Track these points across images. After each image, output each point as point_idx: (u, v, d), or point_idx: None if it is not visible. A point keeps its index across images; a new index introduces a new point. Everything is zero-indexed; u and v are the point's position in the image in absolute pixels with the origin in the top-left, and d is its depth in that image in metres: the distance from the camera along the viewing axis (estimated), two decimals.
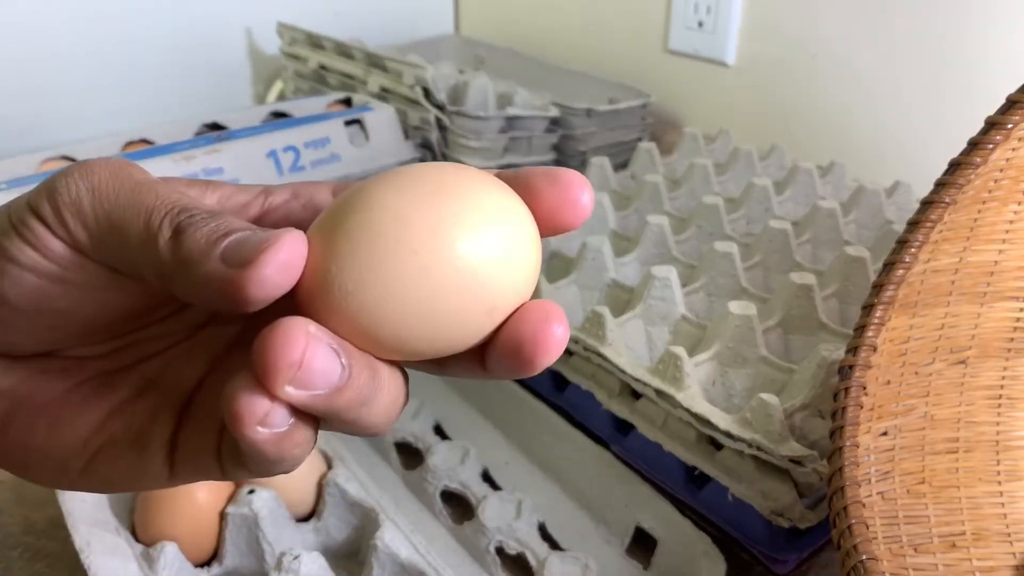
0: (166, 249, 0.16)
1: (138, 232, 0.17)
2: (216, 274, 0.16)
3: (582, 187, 0.18)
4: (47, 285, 0.17)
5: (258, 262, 0.15)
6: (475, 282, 0.16)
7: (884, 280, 0.33)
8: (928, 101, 0.66)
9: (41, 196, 0.17)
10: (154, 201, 0.17)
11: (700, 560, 0.39)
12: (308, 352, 0.15)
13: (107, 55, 0.78)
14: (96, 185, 0.17)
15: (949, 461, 0.35)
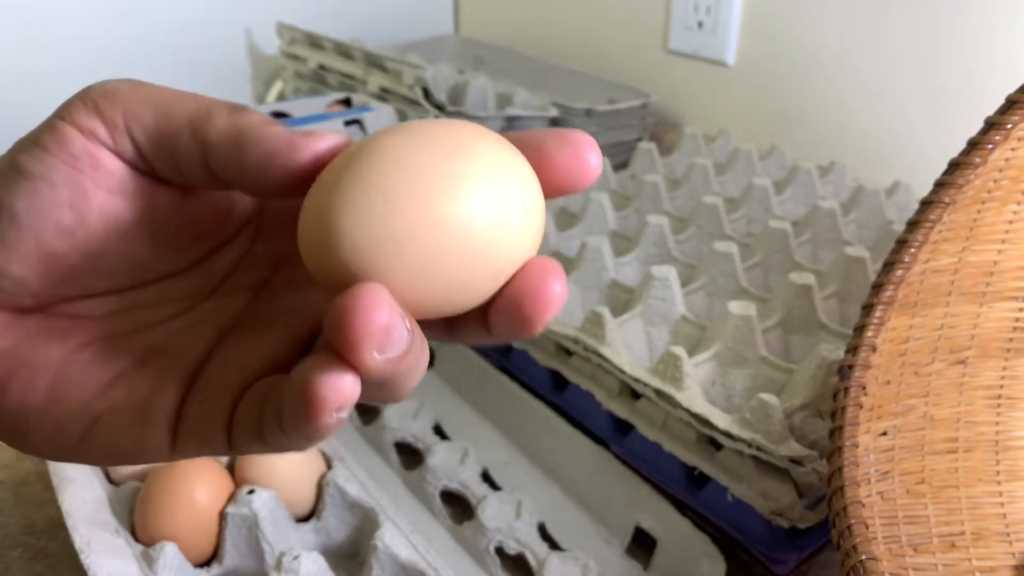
0: (228, 121, 0.17)
1: (187, 108, 0.18)
2: (275, 133, 0.17)
3: (591, 148, 0.18)
4: (59, 192, 0.17)
5: (317, 134, 0.17)
6: (486, 241, 0.16)
7: (884, 280, 0.33)
8: (928, 101, 0.66)
9: (72, 100, 0.18)
10: (201, 96, 0.18)
11: (700, 560, 0.39)
12: (392, 315, 0.15)
13: (107, 54, 0.78)
14: (136, 82, 0.18)
15: (949, 461, 0.35)
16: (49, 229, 0.18)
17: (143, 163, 0.18)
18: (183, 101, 0.18)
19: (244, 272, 0.21)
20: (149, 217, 0.19)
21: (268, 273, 0.21)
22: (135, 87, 0.18)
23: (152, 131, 0.18)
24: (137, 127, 0.18)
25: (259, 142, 0.17)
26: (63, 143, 0.17)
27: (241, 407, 0.18)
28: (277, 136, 0.17)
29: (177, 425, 0.19)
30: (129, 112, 0.18)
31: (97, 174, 0.18)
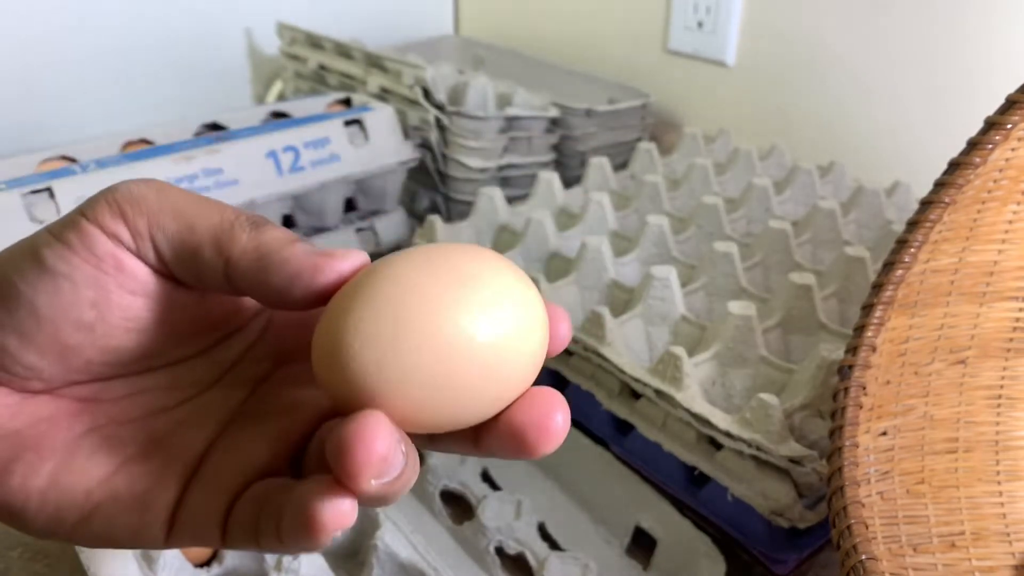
0: (250, 239, 0.18)
1: (211, 221, 0.18)
2: (298, 255, 0.18)
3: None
4: (81, 291, 0.18)
5: (339, 255, 0.18)
6: (490, 368, 0.17)
7: (884, 280, 0.33)
8: (928, 101, 0.66)
9: (97, 200, 0.18)
10: (222, 204, 0.19)
11: (700, 560, 0.39)
12: (391, 446, 0.16)
13: (106, 55, 0.78)
14: (160, 187, 0.18)
15: (949, 461, 0.35)
16: (68, 324, 0.18)
17: (165, 268, 0.19)
18: (207, 213, 0.18)
19: (248, 364, 0.22)
20: (166, 314, 0.19)
21: (270, 367, 0.22)
22: (161, 194, 0.18)
23: (175, 242, 0.18)
24: (161, 236, 0.18)
25: (283, 264, 0.18)
26: (88, 243, 0.18)
27: (238, 509, 0.19)
28: (300, 258, 0.18)
29: (174, 518, 0.19)
30: (154, 220, 0.18)
31: (120, 276, 0.18)
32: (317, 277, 0.18)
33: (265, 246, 0.18)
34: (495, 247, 0.57)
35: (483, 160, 0.66)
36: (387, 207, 0.65)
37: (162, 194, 0.18)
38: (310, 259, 0.18)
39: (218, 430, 0.21)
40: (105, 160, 0.52)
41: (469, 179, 0.67)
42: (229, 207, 0.19)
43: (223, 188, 0.54)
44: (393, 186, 0.64)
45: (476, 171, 0.66)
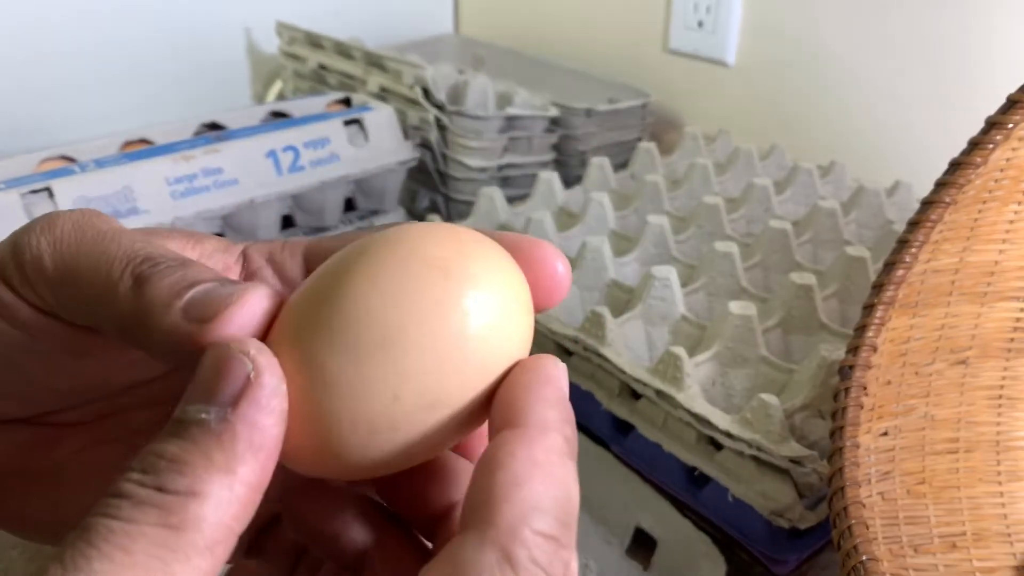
0: (126, 299, 0.15)
1: (98, 282, 0.16)
2: (175, 328, 0.15)
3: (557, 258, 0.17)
4: (18, 355, 0.17)
5: (220, 319, 0.15)
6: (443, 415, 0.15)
7: (884, 280, 0.33)
8: (928, 101, 0.66)
9: (5, 256, 0.16)
10: (116, 250, 0.16)
11: (700, 560, 0.38)
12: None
13: (106, 54, 0.78)
14: (58, 237, 0.16)
15: (949, 461, 0.35)
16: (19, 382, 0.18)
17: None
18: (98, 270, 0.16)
19: None
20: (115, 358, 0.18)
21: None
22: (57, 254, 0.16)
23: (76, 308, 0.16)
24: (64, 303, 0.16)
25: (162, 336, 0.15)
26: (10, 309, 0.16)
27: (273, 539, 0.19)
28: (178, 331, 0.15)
29: None
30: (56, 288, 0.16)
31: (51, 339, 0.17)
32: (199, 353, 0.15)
33: (143, 312, 0.15)
34: None
35: (483, 160, 0.66)
36: (387, 207, 0.65)
37: (58, 251, 0.16)
38: (187, 332, 0.15)
39: None
40: (104, 160, 0.52)
41: (469, 179, 0.67)
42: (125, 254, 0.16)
43: (222, 188, 0.54)
44: (393, 186, 0.64)
45: (476, 171, 0.66)
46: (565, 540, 0.14)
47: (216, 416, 0.13)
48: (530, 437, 0.14)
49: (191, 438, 0.13)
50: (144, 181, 0.51)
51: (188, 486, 0.13)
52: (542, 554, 0.13)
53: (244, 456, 0.13)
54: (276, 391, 0.14)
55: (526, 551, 0.13)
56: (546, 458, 0.14)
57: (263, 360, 0.14)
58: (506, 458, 0.14)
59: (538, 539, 0.13)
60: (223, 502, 0.13)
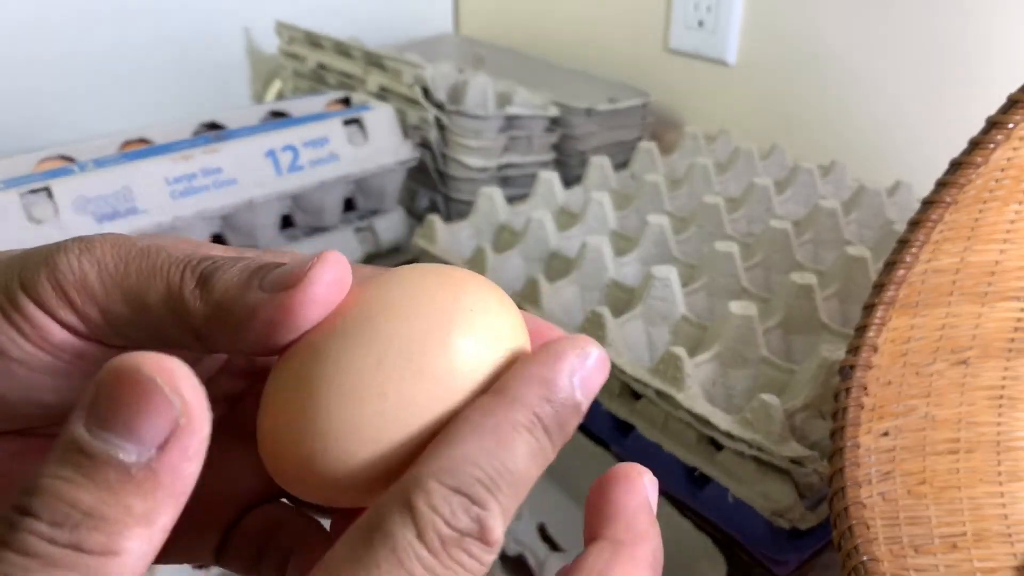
0: (194, 299, 0.15)
1: (159, 295, 0.15)
2: (260, 303, 0.15)
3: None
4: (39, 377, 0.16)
5: (308, 279, 0.15)
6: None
7: (885, 280, 0.33)
8: (929, 101, 0.66)
9: (38, 276, 0.16)
10: (167, 260, 0.16)
11: (700, 561, 0.38)
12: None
13: (105, 54, 0.78)
14: (100, 258, 0.16)
15: (950, 462, 0.35)
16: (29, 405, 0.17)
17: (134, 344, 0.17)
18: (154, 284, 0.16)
19: (221, 383, 0.20)
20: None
21: (244, 385, 0.21)
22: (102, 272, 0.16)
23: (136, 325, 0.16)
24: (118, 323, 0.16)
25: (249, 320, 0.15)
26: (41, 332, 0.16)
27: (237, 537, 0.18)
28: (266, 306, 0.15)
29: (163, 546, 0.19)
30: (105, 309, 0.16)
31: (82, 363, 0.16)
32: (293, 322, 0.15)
33: (222, 305, 0.15)
34: (495, 247, 0.57)
35: (483, 159, 0.66)
36: (386, 207, 0.65)
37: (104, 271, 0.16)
38: (276, 301, 0.15)
39: None
40: (104, 159, 0.52)
41: (469, 178, 0.67)
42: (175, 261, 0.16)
43: (222, 187, 0.54)
44: (392, 185, 0.64)
45: (476, 170, 0.66)
46: (482, 499, 0.13)
47: (138, 459, 0.12)
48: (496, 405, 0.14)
49: (108, 487, 0.12)
50: (143, 181, 0.51)
51: (105, 545, 0.12)
52: (443, 504, 0.13)
53: (165, 505, 0.12)
54: (206, 439, 0.13)
55: (425, 497, 0.13)
56: (481, 420, 0.14)
57: (196, 402, 0.12)
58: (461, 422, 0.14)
59: (442, 489, 0.13)
60: (141, 556, 0.12)
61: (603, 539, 0.16)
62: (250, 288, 0.15)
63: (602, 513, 0.17)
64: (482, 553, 0.13)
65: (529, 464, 0.14)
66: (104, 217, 0.49)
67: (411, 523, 0.13)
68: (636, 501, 0.17)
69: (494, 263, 0.52)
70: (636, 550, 0.16)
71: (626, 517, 0.16)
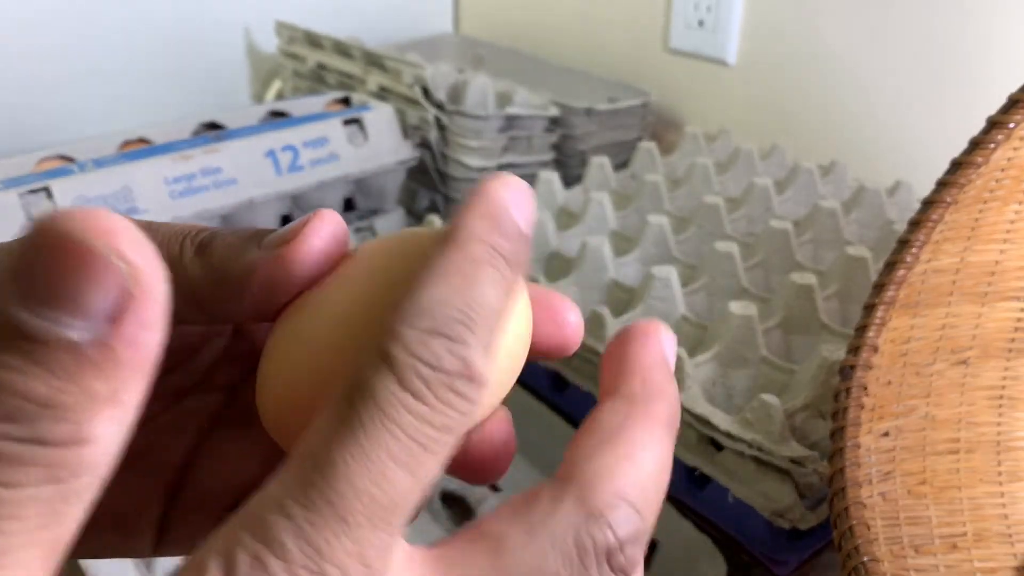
0: (193, 266, 0.15)
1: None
2: (258, 261, 0.15)
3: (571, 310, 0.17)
4: None
5: (305, 232, 0.15)
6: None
7: (885, 280, 0.33)
8: (929, 100, 0.66)
9: None
10: (167, 232, 0.16)
11: (700, 561, 0.38)
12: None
13: (105, 54, 0.78)
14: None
15: (950, 462, 0.35)
16: None
17: None
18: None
19: (221, 370, 0.20)
20: None
21: (243, 372, 0.21)
22: None
23: None
24: None
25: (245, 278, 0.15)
26: None
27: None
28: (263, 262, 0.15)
29: (160, 534, 0.18)
30: None
31: None
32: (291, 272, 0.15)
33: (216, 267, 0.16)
34: None
35: (483, 159, 0.66)
36: (386, 206, 0.65)
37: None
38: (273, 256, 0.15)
39: (198, 438, 0.20)
40: (103, 159, 0.52)
41: (469, 178, 0.67)
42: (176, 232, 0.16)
43: (221, 187, 0.54)
44: (392, 185, 0.64)
45: (476, 170, 0.66)
46: (462, 336, 0.13)
47: (89, 336, 0.11)
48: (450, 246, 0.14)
49: (63, 371, 0.10)
50: (143, 181, 0.51)
51: (72, 433, 0.11)
52: (422, 347, 0.12)
53: (130, 380, 0.11)
54: (164, 302, 0.11)
55: (401, 344, 0.12)
56: (442, 264, 0.13)
57: (144, 263, 0.11)
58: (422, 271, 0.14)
59: (418, 333, 0.12)
60: (113, 436, 0.11)
61: (618, 396, 0.16)
62: (247, 249, 0.15)
63: (617, 369, 0.16)
64: (470, 390, 0.13)
65: (499, 294, 0.14)
66: None
67: (391, 373, 0.12)
68: (652, 357, 0.16)
69: None
70: (651, 407, 0.15)
71: (641, 372, 0.16)
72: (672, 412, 0.16)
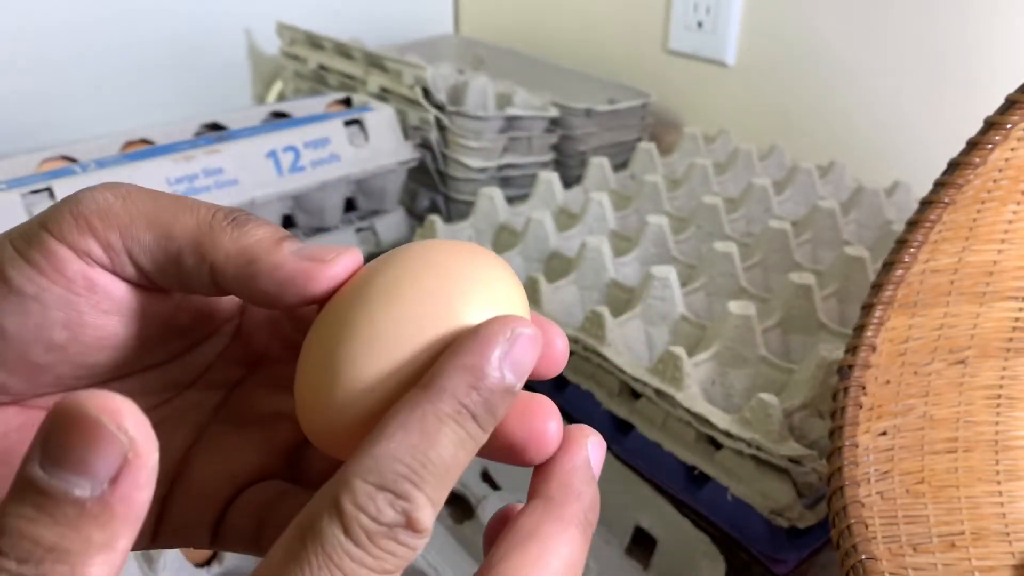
0: (225, 237, 0.17)
1: (187, 228, 0.17)
2: (287, 263, 0.17)
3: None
4: (52, 312, 0.17)
5: (330, 260, 0.17)
6: None
7: (883, 280, 0.33)
8: (928, 101, 0.66)
9: (61, 212, 0.17)
10: (196, 202, 0.17)
11: (699, 560, 0.39)
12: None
13: (107, 55, 0.78)
14: (127, 193, 0.17)
15: (948, 461, 0.35)
16: (38, 346, 0.17)
17: (144, 280, 0.18)
18: (182, 216, 0.17)
19: (221, 367, 0.21)
20: (141, 327, 0.19)
21: (243, 372, 0.21)
22: (128, 201, 0.17)
23: (155, 251, 0.17)
24: (137, 249, 0.17)
25: (272, 271, 0.17)
26: (56, 264, 0.17)
27: (235, 513, 0.19)
28: (291, 264, 0.17)
29: (159, 524, 0.19)
30: (127, 233, 0.17)
31: (93, 296, 0.17)
32: (310, 286, 0.17)
33: (251, 250, 0.17)
34: (495, 247, 0.57)
35: (483, 160, 0.66)
36: (387, 207, 0.65)
37: (129, 201, 0.17)
38: (301, 265, 0.17)
39: (196, 433, 0.20)
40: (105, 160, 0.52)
41: (469, 179, 0.67)
42: (204, 204, 0.17)
43: (223, 188, 0.54)
44: (393, 186, 0.64)
45: (476, 171, 0.66)
46: (406, 493, 0.14)
47: (92, 494, 0.13)
48: (422, 399, 0.15)
49: (68, 522, 0.13)
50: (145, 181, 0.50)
51: (71, 574, 0.13)
52: (368, 501, 0.14)
53: (122, 531, 0.13)
54: (154, 469, 0.13)
55: (350, 496, 0.14)
56: (407, 415, 0.15)
57: (142, 437, 0.13)
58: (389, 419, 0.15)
59: (366, 487, 0.14)
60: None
61: (536, 498, 0.17)
62: (280, 246, 0.17)
63: (540, 474, 0.17)
64: (411, 540, 0.14)
65: (456, 452, 0.15)
66: None
67: (338, 521, 0.14)
68: (573, 462, 0.17)
69: None
70: (565, 510, 0.16)
71: (560, 476, 0.17)
72: (588, 516, 0.17)
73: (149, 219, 0.17)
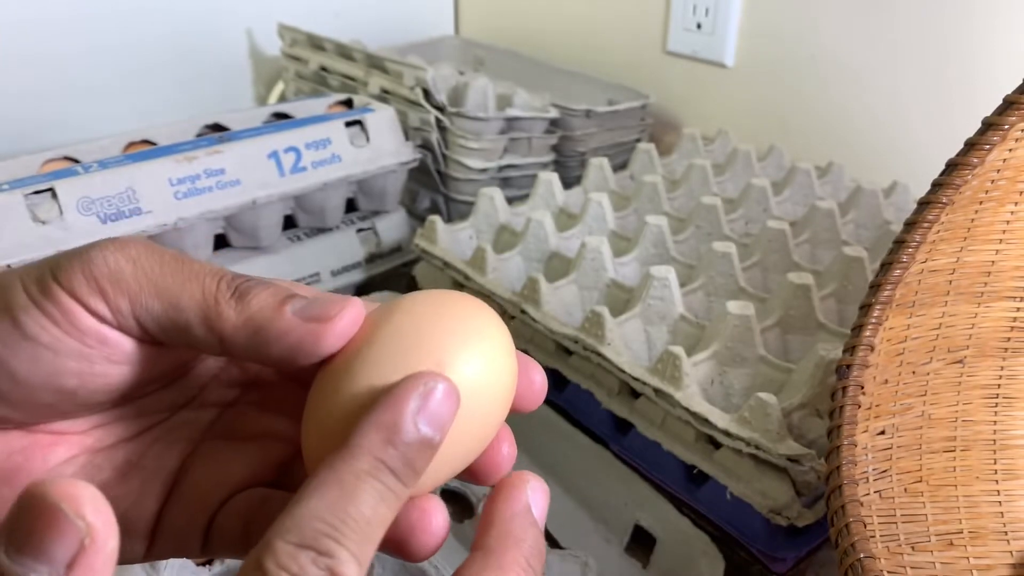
0: (230, 309, 0.17)
1: (194, 298, 0.17)
2: (294, 329, 0.17)
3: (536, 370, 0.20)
4: (64, 362, 0.17)
5: (335, 316, 0.17)
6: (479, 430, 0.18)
7: (882, 280, 0.34)
8: (926, 102, 0.66)
9: (72, 269, 0.17)
10: (202, 269, 0.18)
11: (699, 559, 0.39)
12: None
13: (108, 56, 0.79)
14: (136, 256, 0.18)
15: (946, 460, 0.35)
16: (48, 390, 0.18)
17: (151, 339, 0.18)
18: (188, 287, 0.18)
19: (215, 389, 0.22)
20: (147, 368, 0.19)
21: (236, 394, 0.22)
22: (138, 267, 0.18)
23: (162, 321, 0.18)
24: (146, 316, 0.18)
25: (280, 339, 0.17)
26: (71, 319, 0.17)
27: (222, 518, 0.19)
28: (297, 329, 0.17)
29: (154, 534, 0.20)
30: (136, 300, 0.17)
31: (105, 349, 0.18)
32: (320, 346, 0.17)
33: (255, 320, 0.17)
34: (495, 247, 0.58)
35: (483, 161, 0.67)
36: (388, 207, 0.65)
37: (139, 268, 0.17)
38: (308, 328, 0.17)
39: (191, 448, 0.21)
40: (107, 161, 0.52)
41: (469, 179, 0.67)
42: (209, 271, 0.18)
43: (225, 188, 0.54)
44: (394, 187, 0.64)
45: (476, 172, 0.67)
46: (328, 550, 0.14)
47: None
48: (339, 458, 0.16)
49: None
50: (147, 182, 0.51)
51: None
52: (290, 561, 0.14)
53: None
54: (112, 554, 0.14)
55: (272, 557, 0.14)
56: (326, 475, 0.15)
57: (100, 523, 0.14)
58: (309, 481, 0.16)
59: (287, 547, 0.14)
60: None
61: (477, 548, 0.17)
62: (283, 311, 0.17)
63: (481, 524, 0.18)
64: None
65: (377, 507, 0.15)
66: (108, 218, 0.49)
67: None
68: (512, 509, 0.18)
69: (494, 263, 0.53)
70: (504, 558, 0.17)
71: (499, 525, 0.18)
72: (531, 561, 0.17)
73: (158, 288, 0.17)
